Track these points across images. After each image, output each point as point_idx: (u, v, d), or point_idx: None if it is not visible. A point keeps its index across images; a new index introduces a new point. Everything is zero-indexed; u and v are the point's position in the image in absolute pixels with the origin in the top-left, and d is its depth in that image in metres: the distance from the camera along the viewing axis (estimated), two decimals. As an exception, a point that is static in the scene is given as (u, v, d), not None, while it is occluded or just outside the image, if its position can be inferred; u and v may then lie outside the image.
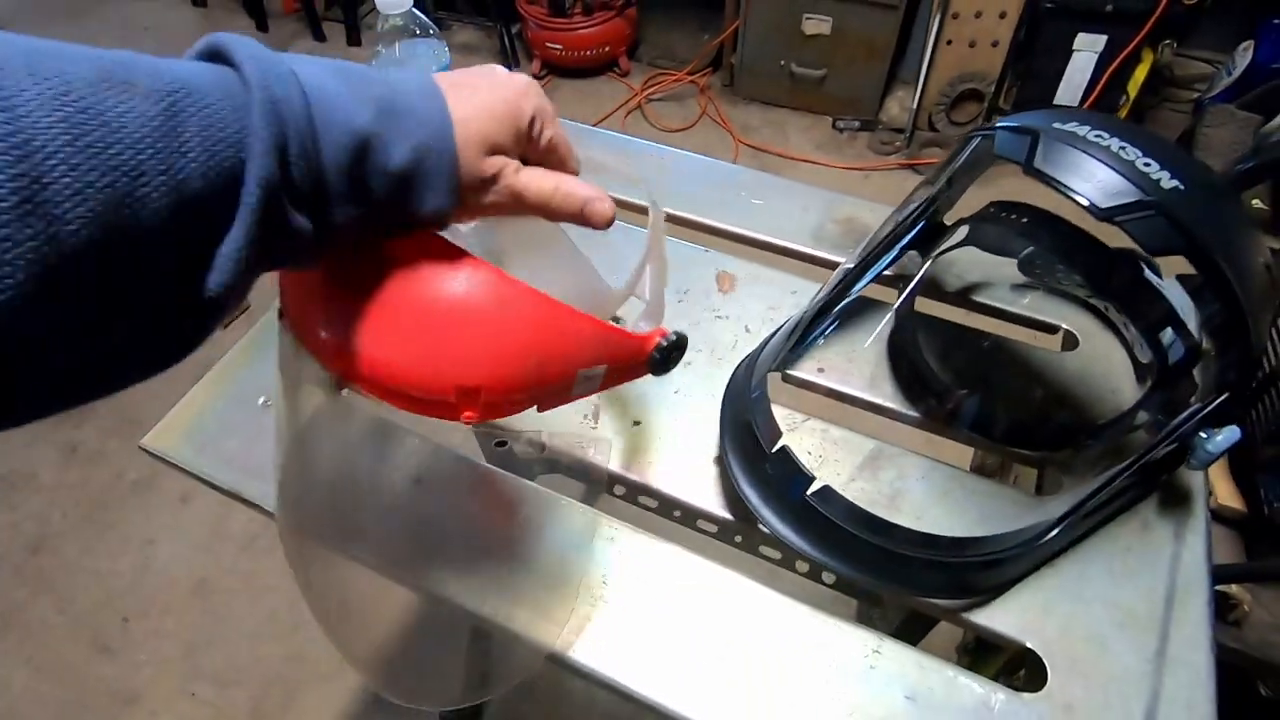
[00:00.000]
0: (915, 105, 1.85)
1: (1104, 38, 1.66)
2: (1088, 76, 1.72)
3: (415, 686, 0.46)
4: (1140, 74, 1.71)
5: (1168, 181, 0.32)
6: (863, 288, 0.47)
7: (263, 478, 0.47)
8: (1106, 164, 0.32)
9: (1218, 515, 0.64)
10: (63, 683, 1.11)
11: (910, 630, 0.64)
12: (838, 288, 0.46)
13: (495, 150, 0.29)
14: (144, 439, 0.50)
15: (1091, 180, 0.32)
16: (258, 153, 0.22)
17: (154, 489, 1.32)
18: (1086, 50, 1.69)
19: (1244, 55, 1.67)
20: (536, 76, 2.06)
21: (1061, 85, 1.75)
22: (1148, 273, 0.45)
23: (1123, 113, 1.78)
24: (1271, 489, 0.60)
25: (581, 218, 0.32)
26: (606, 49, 2.03)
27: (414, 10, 0.50)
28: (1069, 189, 0.33)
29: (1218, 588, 0.57)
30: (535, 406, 0.33)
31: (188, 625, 1.16)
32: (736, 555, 0.65)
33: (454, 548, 0.44)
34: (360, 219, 0.27)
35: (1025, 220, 0.44)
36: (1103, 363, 0.50)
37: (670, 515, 0.58)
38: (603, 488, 0.49)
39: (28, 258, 0.18)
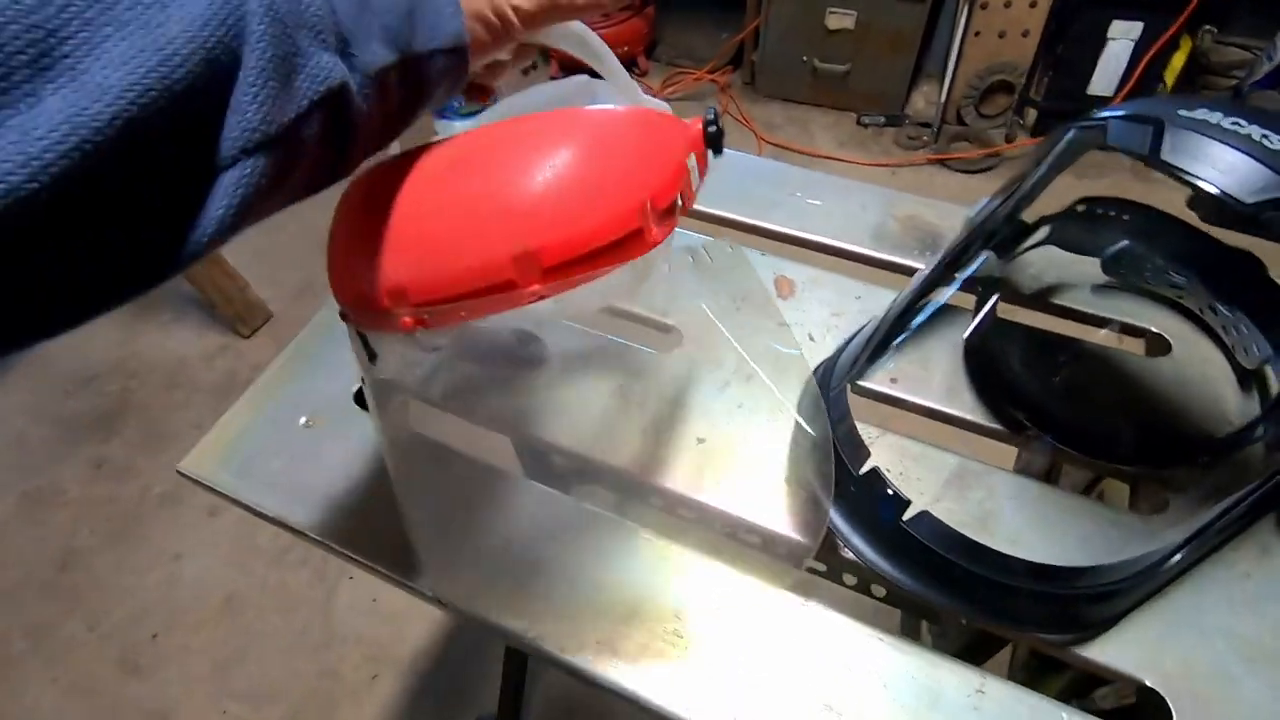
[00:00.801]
0: (943, 99, 1.80)
1: (1140, 24, 1.61)
2: (1123, 65, 1.67)
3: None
4: (1178, 62, 1.66)
5: (1320, 172, 0.29)
6: (950, 294, 0.43)
7: (308, 501, 0.45)
8: (1248, 153, 0.29)
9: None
10: (92, 702, 1.09)
11: (974, 651, 0.61)
12: (918, 292, 0.43)
13: None
14: (182, 463, 0.48)
15: (1232, 172, 0.29)
16: None
17: (181, 503, 1.31)
18: (1122, 38, 1.64)
19: (1287, 40, 1.61)
20: (554, 78, 2.04)
21: (1096, 74, 1.70)
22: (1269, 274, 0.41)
23: (1159, 102, 1.73)
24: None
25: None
26: (625, 49, 2.00)
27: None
28: (1205, 181, 0.29)
29: None
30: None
31: (218, 641, 1.15)
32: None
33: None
34: (397, 70, 0.26)
35: (1128, 217, 0.41)
36: (1200, 368, 0.47)
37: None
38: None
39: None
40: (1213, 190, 0.29)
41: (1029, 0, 1.66)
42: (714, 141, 0.33)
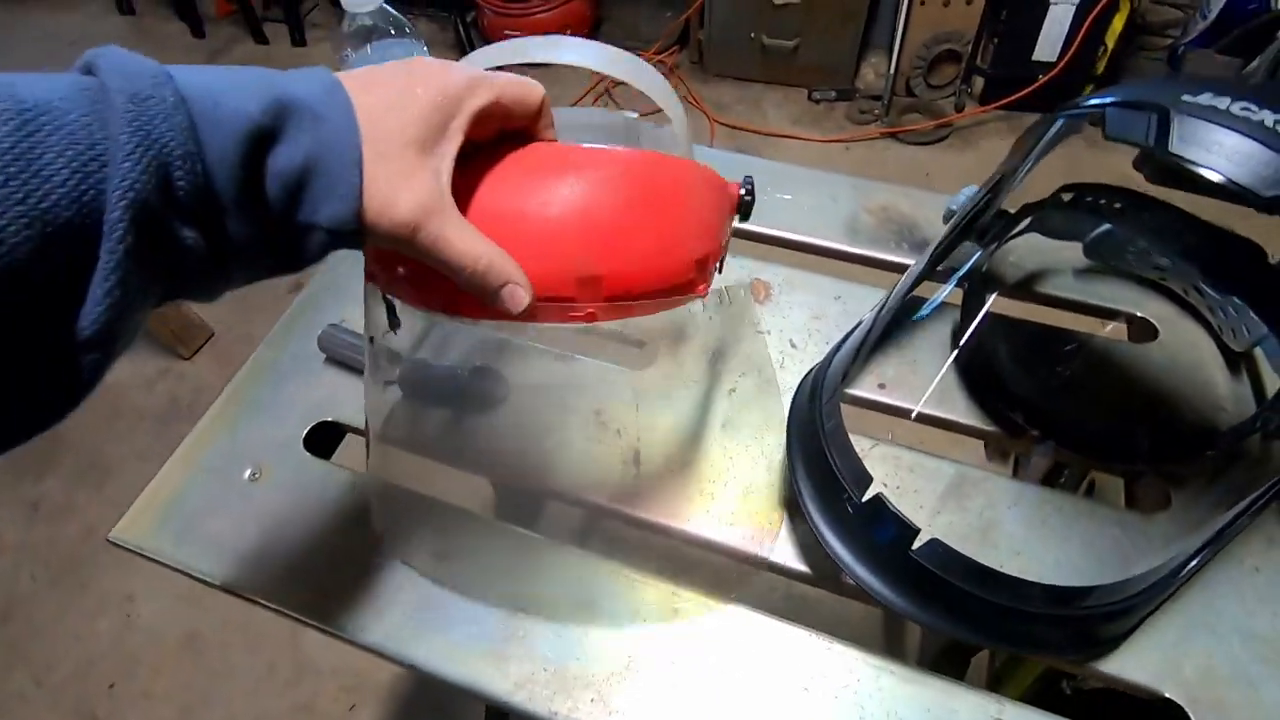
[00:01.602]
0: (892, 70, 1.79)
1: (1080, -12, 1.62)
2: (1065, 29, 1.68)
3: None
4: (1118, 23, 1.67)
5: (1337, 159, 0.27)
6: (946, 294, 0.41)
7: (258, 565, 0.41)
8: (1263, 142, 0.27)
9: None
10: (49, 761, 1.03)
11: (957, 648, 0.60)
12: (906, 293, 0.40)
13: (423, 148, 0.25)
14: (112, 531, 0.43)
15: (1247, 163, 0.27)
16: (118, 160, 0.20)
17: (129, 540, 1.23)
18: (1063, 3, 1.64)
19: (1218, -1, 1.64)
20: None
21: (1040, 40, 1.71)
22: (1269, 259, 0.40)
23: (1101, 65, 1.75)
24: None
25: (494, 298, 0.27)
26: (568, 32, 1.93)
27: (385, 6, 0.43)
28: (1219, 172, 0.27)
29: None
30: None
31: (181, 685, 1.08)
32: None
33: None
34: (260, 239, 0.24)
35: (1119, 205, 0.39)
36: (1189, 353, 0.45)
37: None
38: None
39: None
40: (1229, 183, 0.27)
41: (972, -33, 1.65)
42: (745, 210, 0.35)
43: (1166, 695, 0.34)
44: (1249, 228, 0.40)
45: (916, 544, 0.33)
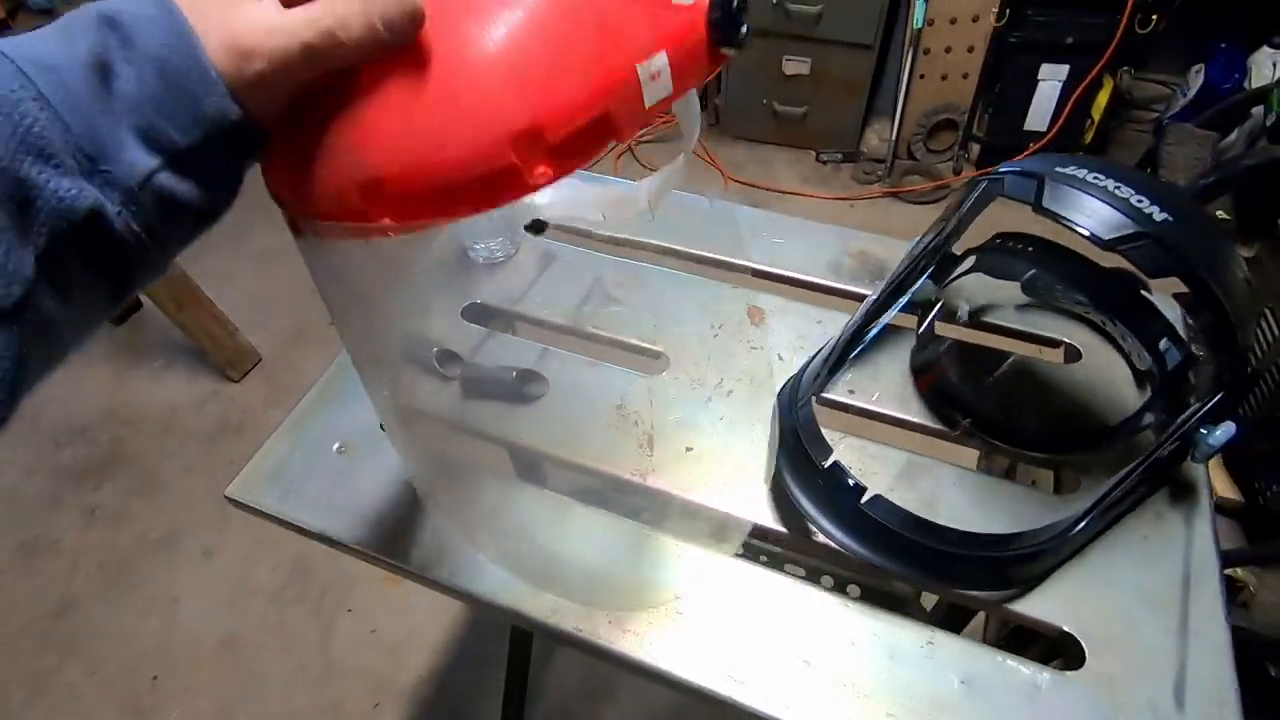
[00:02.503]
0: (894, 136, 1.94)
1: (1066, 67, 1.76)
2: (1054, 102, 1.82)
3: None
4: (1103, 99, 1.81)
5: (1159, 215, 0.37)
6: (892, 316, 0.52)
7: (348, 518, 0.51)
8: (1105, 201, 0.38)
9: (1218, 507, 0.69)
10: (96, 747, 1.10)
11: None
12: (866, 316, 0.51)
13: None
14: (229, 489, 0.53)
15: (1095, 217, 0.38)
16: None
17: (176, 547, 1.33)
18: (1051, 79, 1.79)
19: (1197, 77, 1.78)
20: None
21: (1030, 111, 1.85)
22: (1143, 291, 0.50)
23: (1088, 135, 1.88)
24: (1266, 480, 0.65)
25: (378, 32, 0.24)
26: (596, 97, 2.11)
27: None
28: (1076, 225, 0.38)
29: (1226, 572, 0.62)
30: (614, 136, 0.25)
31: (219, 681, 1.17)
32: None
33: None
34: (169, 172, 0.23)
35: (1031, 249, 0.49)
36: (1105, 373, 0.55)
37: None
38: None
39: None
40: (1081, 231, 0.38)
41: (967, 46, 1.81)
42: (721, 29, 0.26)
43: (1065, 629, 0.43)
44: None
45: (865, 499, 0.43)
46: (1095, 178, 0.39)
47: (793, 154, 2.09)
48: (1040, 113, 1.85)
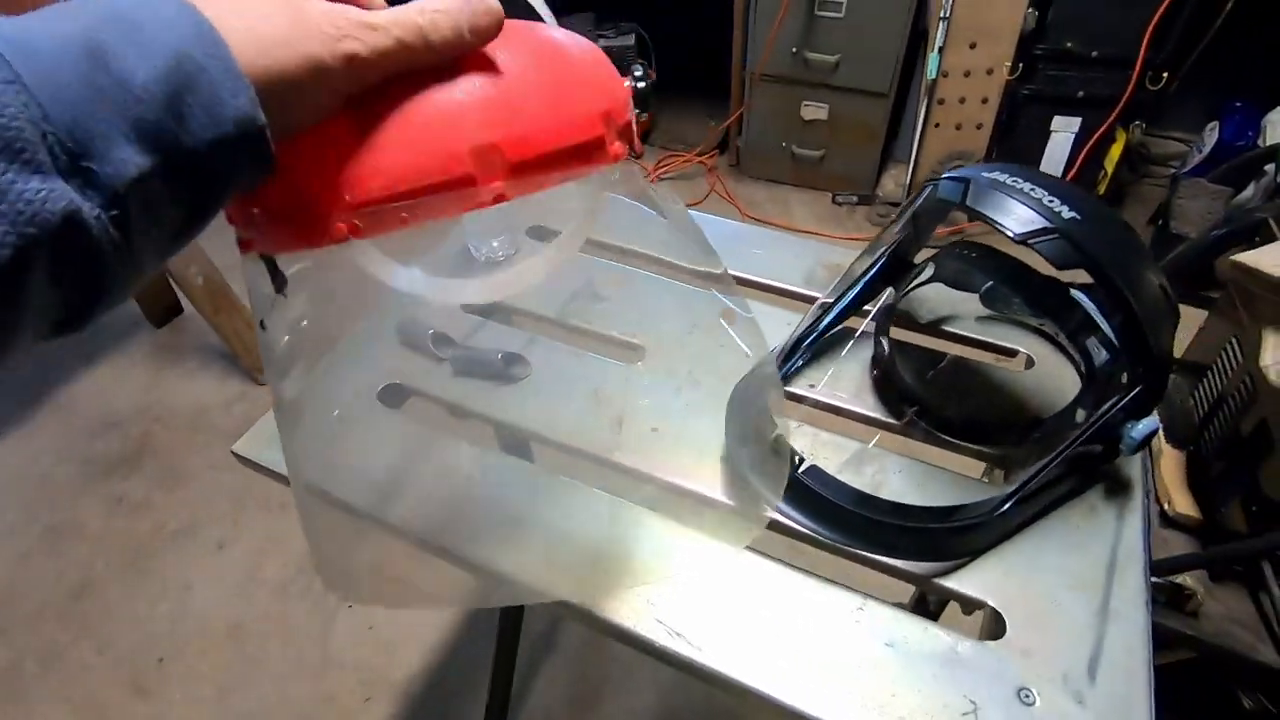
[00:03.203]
0: (909, 181, 1.99)
1: (1078, 120, 1.81)
2: (1066, 154, 1.87)
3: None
4: (1115, 152, 1.85)
5: (1068, 213, 0.41)
6: (838, 313, 0.56)
7: (341, 477, 0.56)
8: (1021, 201, 0.42)
9: (1176, 523, 0.70)
10: (99, 721, 1.15)
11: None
12: (820, 314, 0.55)
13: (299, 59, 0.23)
14: (235, 445, 0.59)
15: (1011, 214, 0.42)
16: None
17: (193, 537, 1.39)
18: (1063, 131, 1.84)
19: (1211, 134, 1.81)
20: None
21: (1043, 162, 1.90)
22: (1075, 293, 0.54)
23: (1101, 187, 1.91)
24: (1221, 497, 0.67)
25: (466, 38, 0.26)
26: (622, 135, 2.21)
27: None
28: (993, 220, 0.42)
29: (1173, 579, 0.63)
30: (563, 172, 0.29)
31: (221, 667, 1.21)
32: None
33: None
34: (162, 176, 0.20)
35: (976, 255, 0.53)
36: (1055, 379, 0.58)
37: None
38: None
39: None
40: (998, 226, 0.42)
41: (981, 97, 1.87)
42: (639, 99, 0.33)
43: (990, 603, 0.45)
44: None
45: (801, 469, 0.46)
46: (1014, 181, 0.43)
47: (810, 195, 2.15)
48: (1054, 162, 1.89)
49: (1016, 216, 0.42)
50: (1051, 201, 0.42)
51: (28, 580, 1.33)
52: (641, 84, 0.43)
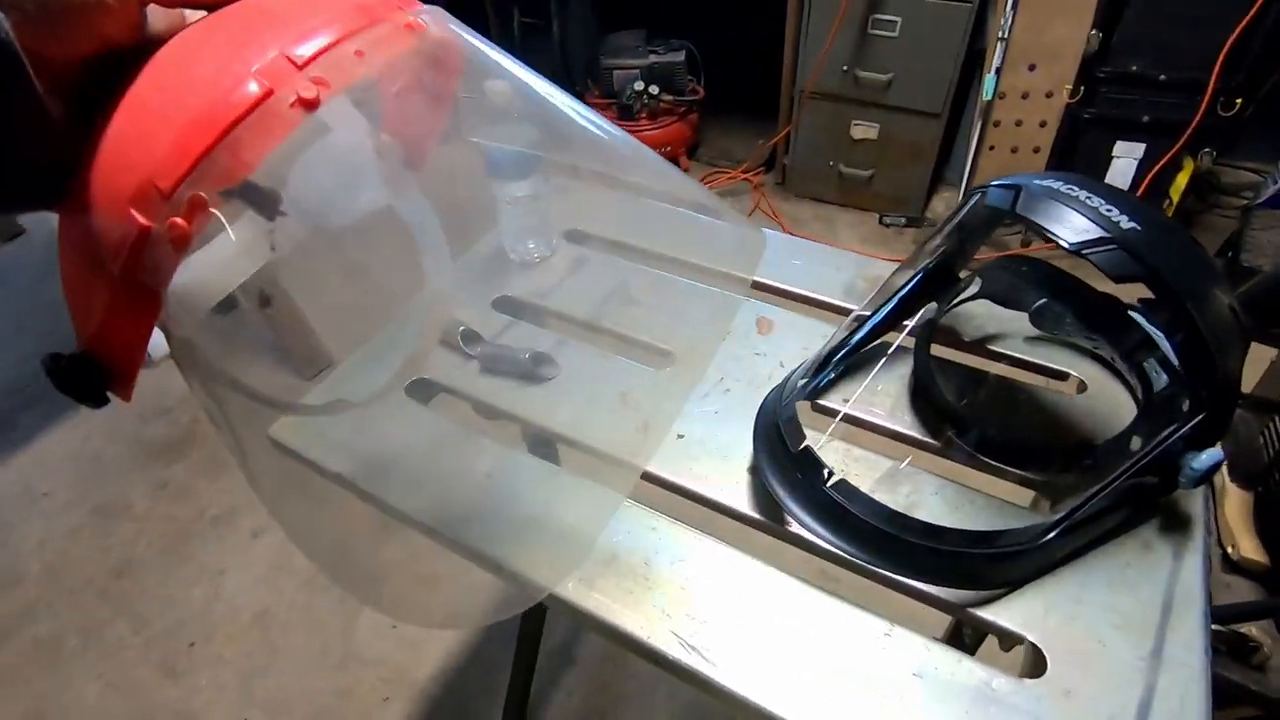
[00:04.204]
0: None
1: (1142, 146, 1.74)
2: (1129, 181, 1.79)
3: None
4: (1181, 180, 1.77)
5: (1127, 223, 0.39)
6: (875, 326, 0.54)
7: (363, 465, 0.56)
8: (1077, 210, 0.40)
9: (1241, 568, 0.65)
10: (130, 700, 1.17)
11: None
12: (855, 327, 0.53)
13: None
14: (270, 429, 0.59)
15: (1065, 223, 0.40)
16: None
17: (230, 525, 1.42)
18: (1125, 157, 1.77)
19: (1287, 164, 1.72)
20: (604, 172, 2.26)
21: (1103, 188, 1.82)
22: (1133, 313, 0.50)
23: (1168, 215, 1.83)
24: (1293, 542, 0.62)
25: None
26: (668, 149, 2.22)
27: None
28: (1046, 229, 0.40)
29: (1236, 628, 0.58)
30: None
31: (246, 653, 1.23)
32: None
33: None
34: None
35: (1025, 268, 0.51)
36: (1109, 405, 0.55)
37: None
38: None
39: None
40: (1051, 235, 0.40)
41: (1039, 120, 1.82)
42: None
43: (1029, 638, 0.42)
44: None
45: (830, 482, 0.44)
46: (1070, 189, 0.41)
47: (856, 215, 2.11)
48: (1115, 189, 1.82)
49: (1071, 225, 0.39)
50: (1110, 210, 0.39)
51: (75, 555, 1.38)
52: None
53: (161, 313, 0.27)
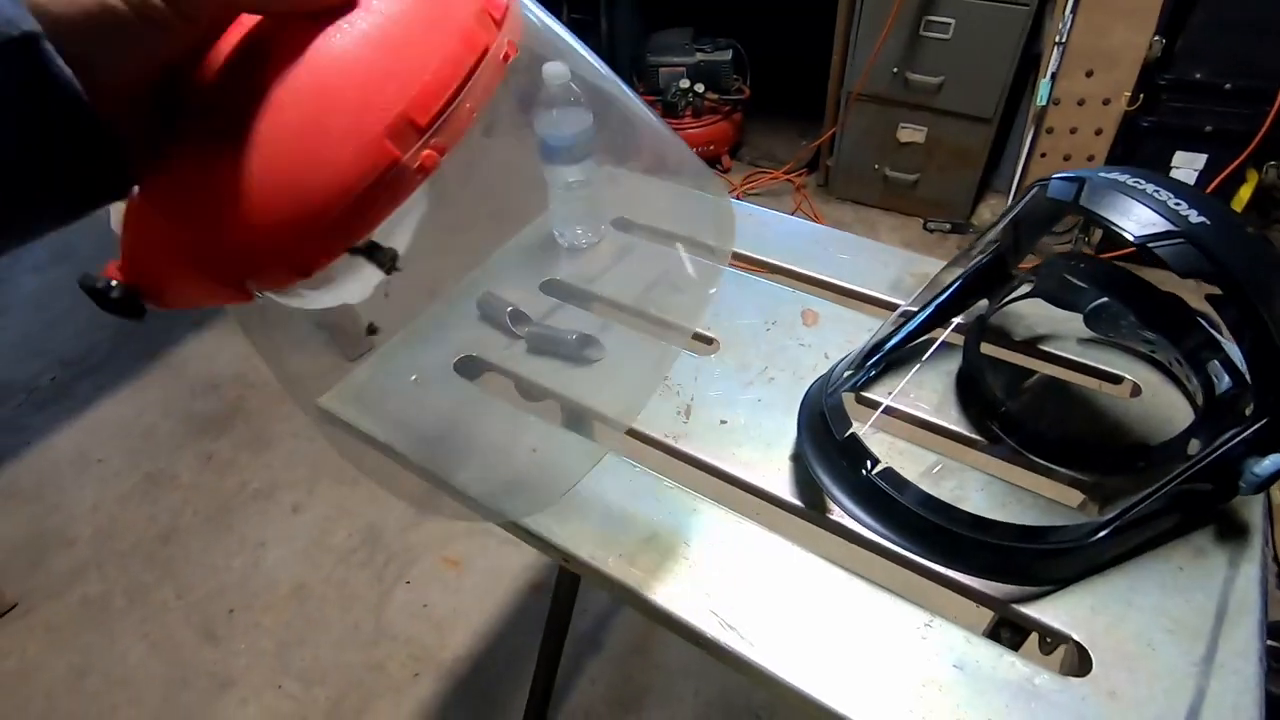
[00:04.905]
0: (1007, 211, 1.90)
1: (1204, 157, 1.68)
2: (1188, 192, 1.74)
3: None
4: (1244, 193, 1.71)
5: (1196, 218, 0.38)
6: (923, 321, 0.53)
7: (408, 435, 0.57)
8: (1142, 203, 0.39)
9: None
10: (171, 661, 1.22)
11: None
12: (901, 321, 0.53)
13: None
14: (320, 399, 0.61)
15: (1130, 216, 0.39)
16: None
17: (271, 499, 1.46)
18: (1185, 168, 1.71)
19: (1360, 179, 1.65)
20: (645, 169, 2.26)
21: (1160, 199, 1.77)
22: (1199, 318, 0.49)
23: (1227, 229, 1.77)
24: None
25: None
26: (711, 147, 2.22)
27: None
28: (1110, 221, 0.39)
29: None
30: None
31: (283, 624, 1.26)
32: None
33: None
34: None
35: (1083, 265, 0.50)
36: (1164, 409, 0.54)
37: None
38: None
39: None
40: (1115, 227, 0.39)
41: (1095, 128, 1.77)
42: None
43: (1075, 637, 0.42)
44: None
45: (876, 470, 0.44)
46: (1136, 182, 0.40)
47: (899, 220, 2.09)
48: (1172, 201, 1.77)
49: (1136, 218, 0.39)
50: (1178, 205, 0.39)
51: (125, 520, 1.43)
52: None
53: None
